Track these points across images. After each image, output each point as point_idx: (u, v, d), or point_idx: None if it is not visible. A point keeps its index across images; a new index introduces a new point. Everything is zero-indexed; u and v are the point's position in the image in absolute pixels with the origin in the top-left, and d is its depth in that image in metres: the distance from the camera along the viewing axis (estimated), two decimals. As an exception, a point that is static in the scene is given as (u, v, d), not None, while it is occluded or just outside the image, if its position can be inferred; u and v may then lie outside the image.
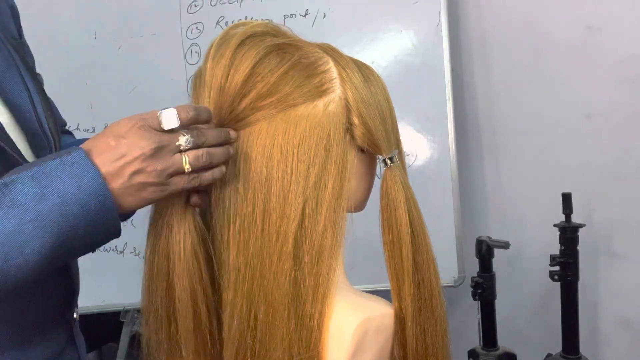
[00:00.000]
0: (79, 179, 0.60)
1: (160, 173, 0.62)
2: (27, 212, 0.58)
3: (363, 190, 0.76)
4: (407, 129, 1.63)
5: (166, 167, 0.63)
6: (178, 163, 0.63)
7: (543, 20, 1.72)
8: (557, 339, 1.55)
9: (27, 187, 0.59)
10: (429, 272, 0.74)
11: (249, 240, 0.68)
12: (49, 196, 0.59)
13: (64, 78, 1.67)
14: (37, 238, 0.59)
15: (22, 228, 0.58)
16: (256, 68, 0.69)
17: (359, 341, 0.68)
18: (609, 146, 1.70)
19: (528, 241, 1.76)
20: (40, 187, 0.59)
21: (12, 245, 0.58)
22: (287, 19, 1.66)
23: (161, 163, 0.62)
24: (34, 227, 0.58)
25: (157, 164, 0.62)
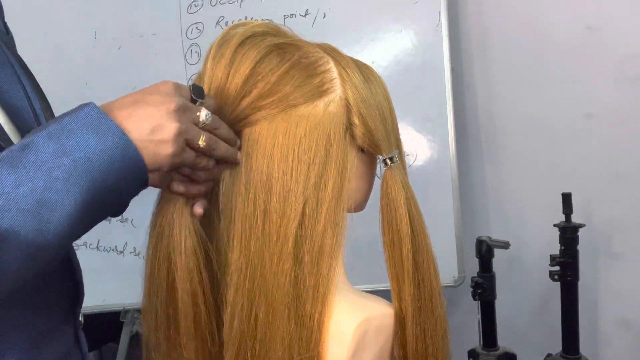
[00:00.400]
0: (100, 131, 0.58)
1: (178, 133, 0.61)
2: (52, 169, 0.56)
3: (363, 190, 0.76)
4: (407, 129, 1.63)
5: (184, 130, 0.62)
6: (196, 133, 0.64)
7: (543, 20, 1.72)
8: (557, 339, 1.55)
9: (47, 145, 0.57)
10: (429, 272, 0.74)
11: (249, 240, 0.68)
12: (70, 150, 0.57)
13: (64, 78, 1.67)
14: (68, 194, 0.57)
15: (51, 185, 0.56)
16: (257, 68, 0.69)
17: (359, 341, 0.68)
18: (609, 146, 1.70)
19: (528, 241, 1.76)
20: (59, 143, 0.57)
21: (45, 204, 0.56)
22: (287, 19, 1.66)
23: (182, 123, 0.62)
24: (63, 183, 0.56)
25: (177, 121, 0.61)
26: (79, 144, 0.57)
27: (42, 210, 0.56)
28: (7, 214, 0.54)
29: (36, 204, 0.55)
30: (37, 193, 0.56)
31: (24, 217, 0.55)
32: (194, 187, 0.68)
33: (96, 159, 0.58)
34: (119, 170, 0.59)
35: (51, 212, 0.56)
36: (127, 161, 0.60)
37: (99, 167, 0.58)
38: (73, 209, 0.57)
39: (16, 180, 0.55)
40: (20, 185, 0.55)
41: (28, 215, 0.55)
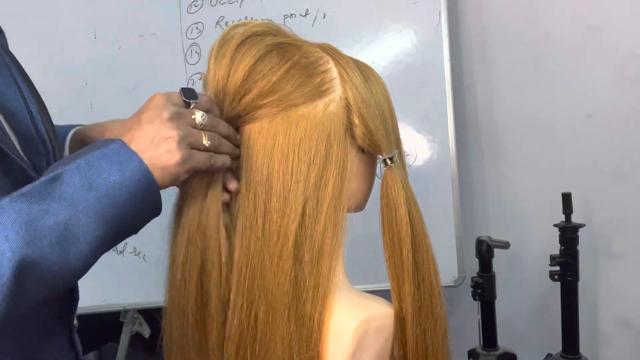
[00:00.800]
0: (122, 166, 0.62)
1: (183, 139, 0.64)
2: (78, 203, 0.60)
3: (363, 190, 0.76)
4: (407, 129, 1.63)
5: (185, 134, 0.65)
6: (197, 135, 0.66)
7: (543, 20, 1.72)
8: (557, 339, 1.55)
9: (75, 180, 0.60)
10: (429, 272, 0.74)
11: (250, 240, 0.69)
12: (96, 186, 0.60)
13: (64, 78, 1.67)
14: (90, 227, 0.60)
15: (75, 219, 0.59)
16: (257, 66, 0.70)
17: (359, 341, 0.68)
18: (609, 146, 1.70)
19: (528, 241, 1.76)
20: (87, 179, 0.60)
21: (70, 237, 0.59)
22: (287, 19, 1.66)
23: (180, 129, 0.64)
24: (85, 217, 0.60)
25: (175, 129, 0.64)
26: (103, 179, 0.61)
27: (66, 243, 0.59)
28: (34, 244, 0.57)
29: (61, 236, 0.59)
30: (63, 226, 0.59)
31: (50, 249, 0.58)
32: None
33: (118, 194, 0.61)
34: (137, 201, 0.63)
35: (74, 245, 0.60)
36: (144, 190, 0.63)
37: (120, 201, 0.62)
38: (95, 243, 0.61)
39: (45, 212, 0.58)
40: (48, 218, 0.58)
41: (54, 247, 0.58)
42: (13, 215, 0.57)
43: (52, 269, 0.59)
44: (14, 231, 0.56)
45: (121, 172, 0.61)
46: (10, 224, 0.56)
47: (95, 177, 0.61)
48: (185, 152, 0.64)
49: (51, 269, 0.58)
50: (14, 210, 0.57)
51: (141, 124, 0.64)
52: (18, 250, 0.56)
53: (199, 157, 0.66)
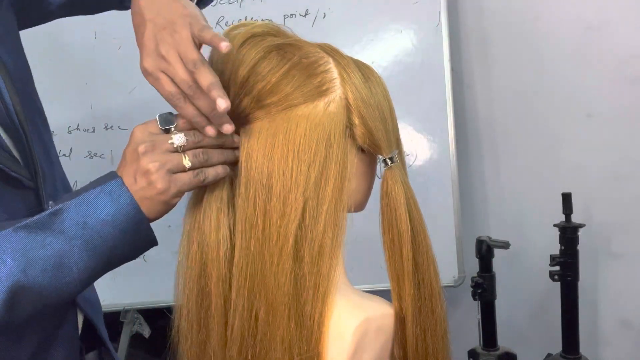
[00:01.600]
0: (116, 204, 0.66)
1: (159, 169, 0.66)
2: (73, 238, 0.65)
3: (363, 190, 0.76)
4: (407, 129, 1.63)
5: (163, 163, 0.66)
6: (176, 160, 0.67)
7: (543, 20, 1.72)
8: (557, 339, 1.55)
9: (72, 215, 0.66)
10: (429, 272, 0.74)
11: (250, 240, 0.69)
12: (91, 224, 0.65)
13: (64, 78, 1.67)
14: (83, 260, 0.66)
15: (70, 252, 0.65)
16: (257, 67, 0.69)
17: (359, 341, 0.68)
18: (609, 146, 1.70)
19: (528, 241, 1.76)
20: (83, 216, 0.66)
21: (63, 267, 0.65)
22: (287, 19, 1.66)
23: (157, 159, 0.66)
24: (79, 250, 0.65)
25: (152, 158, 0.66)
26: (97, 216, 0.66)
27: (60, 272, 0.65)
28: (30, 271, 0.63)
29: (55, 266, 0.65)
30: (58, 257, 0.65)
31: (44, 275, 0.64)
32: None
33: (109, 231, 0.66)
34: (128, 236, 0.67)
35: (66, 274, 0.65)
36: (136, 229, 0.67)
37: (111, 238, 0.66)
38: (86, 273, 0.67)
39: (42, 243, 0.64)
40: (45, 249, 0.64)
41: (46, 275, 0.64)
42: (14, 244, 0.63)
43: (43, 293, 0.65)
44: (12, 258, 0.63)
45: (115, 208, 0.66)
46: (10, 252, 0.63)
47: (90, 215, 0.66)
48: (164, 180, 0.66)
49: (42, 294, 0.65)
50: (15, 239, 0.64)
51: (125, 161, 0.68)
52: (12, 276, 0.62)
53: (182, 179, 0.67)
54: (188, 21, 0.69)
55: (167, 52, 0.68)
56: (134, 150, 0.66)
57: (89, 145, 1.69)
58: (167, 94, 0.69)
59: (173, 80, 0.68)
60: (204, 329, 0.71)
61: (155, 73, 0.69)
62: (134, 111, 1.67)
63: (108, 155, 1.70)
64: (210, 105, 0.67)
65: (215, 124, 0.69)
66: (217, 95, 0.65)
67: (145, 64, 0.70)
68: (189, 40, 0.68)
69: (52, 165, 0.88)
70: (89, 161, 1.70)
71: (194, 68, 0.66)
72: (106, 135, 1.69)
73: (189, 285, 0.72)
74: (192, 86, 0.67)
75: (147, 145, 0.66)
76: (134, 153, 0.66)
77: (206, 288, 0.71)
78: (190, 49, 0.67)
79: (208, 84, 0.65)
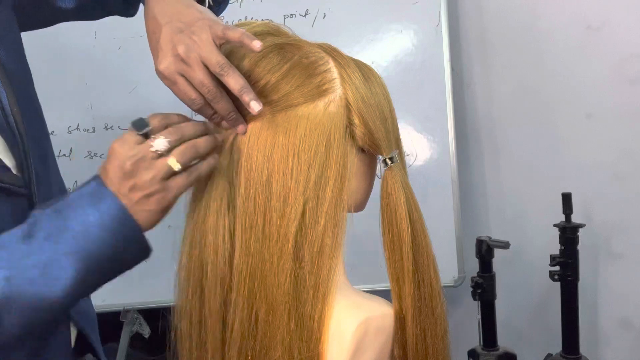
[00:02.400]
0: (98, 204, 0.64)
1: (152, 181, 0.64)
2: (56, 243, 0.63)
3: (363, 190, 0.76)
4: (407, 129, 1.63)
5: (154, 175, 0.64)
6: (164, 166, 0.65)
7: (543, 20, 1.72)
8: (557, 339, 1.55)
9: (53, 221, 0.64)
10: (429, 272, 0.74)
11: (250, 240, 0.69)
12: (72, 226, 0.63)
13: (64, 78, 1.67)
14: (69, 266, 0.63)
15: (56, 258, 0.63)
16: (257, 66, 0.69)
17: (359, 341, 0.68)
18: (609, 146, 1.70)
19: (528, 241, 1.76)
20: (65, 220, 0.64)
21: (50, 275, 0.63)
22: (287, 19, 1.66)
23: (146, 173, 0.64)
24: (65, 255, 0.63)
25: (141, 176, 0.64)
26: (79, 218, 0.63)
27: (45, 279, 0.63)
28: (14, 280, 0.62)
29: (41, 273, 0.62)
30: (42, 265, 0.62)
31: (30, 284, 0.62)
32: None
33: (94, 231, 0.63)
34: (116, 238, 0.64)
35: (53, 281, 0.63)
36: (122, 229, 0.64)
37: (96, 238, 0.64)
38: (72, 279, 0.64)
39: (27, 251, 0.63)
40: (30, 256, 0.62)
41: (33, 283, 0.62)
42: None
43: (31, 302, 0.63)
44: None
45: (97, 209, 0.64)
46: None
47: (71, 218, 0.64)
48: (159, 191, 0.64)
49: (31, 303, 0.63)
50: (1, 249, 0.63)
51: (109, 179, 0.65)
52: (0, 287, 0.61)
53: (177, 183, 0.66)
54: (207, 24, 0.68)
55: (187, 55, 0.67)
56: (119, 168, 0.64)
57: (89, 145, 1.69)
58: (187, 98, 0.69)
59: (191, 83, 0.67)
60: (204, 329, 0.71)
61: (172, 76, 0.68)
62: (134, 111, 1.67)
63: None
64: (229, 108, 0.68)
65: (231, 127, 0.70)
66: (250, 99, 0.66)
67: (160, 67, 0.68)
68: (210, 43, 0.67)
69: (48, 170, 0.86)
70: (89, 161, 1.70)
71: (222, 71, 0.66)
72: (106, 135, 1.69)
73: (189, 285, 0.72)
74: (212, 90, 0.67)
75: (131, 161, 0.64)
76: (120, 171, 0.64)
77: (206, 289, 0.71)
78: (214, 52, 0.66)
79: (240, 87, 0.66)
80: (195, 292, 0.71)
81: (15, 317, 0.63)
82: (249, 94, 0.66)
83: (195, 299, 0.71)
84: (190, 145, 0.66)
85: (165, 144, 0.64)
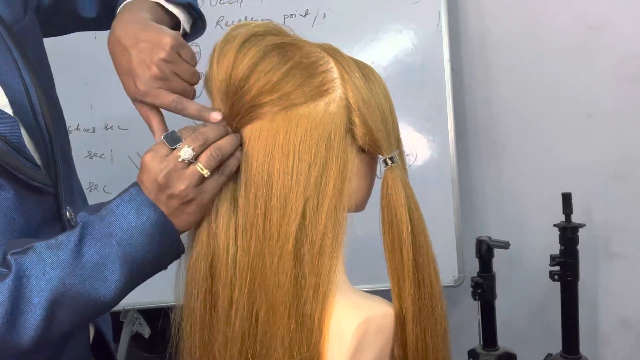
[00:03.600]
0: (139, 211, 0.67)
1: (186, 191, 0.67)
2: (103, 247, 0.67)
3: (363, 190, 0.76)
4: (407, 129, 1.63)
5: (187, 184, 0.67)
6: (195, 174, 0.68)
7: (543, 20, 1.72)
8: (557, 339, 1.55)
9: (100, 227, 0.67)
10: (430, 272, 0.74)
11: (250, 239, 0.69)
12: (117, 232, 0.67)
13: (64, 78, 1.66)
14: (115, 269, 0.67)
15: (103, 262, 0.67)
16: (258, 66, 0.70)
17: (359, 341, 0.68)
18: (609, 146, 1.70)
19: (528, 241, 1.76)
20: (109, 226, 0.67)
21: (97, 277, 0.67)
22: (287, 19, 1.66)
23: (179, 184, 0.67)
24: (111, 260, 0.67)
25: (175, 186, 0.67)
26: (122, 225, 0.67)
27: (96, 280, 0.67)
28: (68, 279, 0.65)
29: (91, 275, 0.67)
30: (92, 267, 0.67)
31: (82, 284, 0.66)
32: None
33: (137, 237, 0.67)
34: (157, 243, 0.69)
35: (102, 282, 0.67)
36: (163, 234, 0.69)
37: (139, 244, 0.68)
38: (119, 281, 0.68)
39: (79, 253, 0.66)
40: (81, 258, 0.66)
41: (84, 283, 0.66)
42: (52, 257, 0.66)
43: (81, 302, 0.67)
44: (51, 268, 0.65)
45: (138, 216, 0.67)
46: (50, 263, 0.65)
47: (115, 224, 0.67)
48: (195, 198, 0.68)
49: (80, 302, 0.67)
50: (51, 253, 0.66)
51: (147, 189, 0.68)
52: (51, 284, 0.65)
53: (210, 186, 0.69)
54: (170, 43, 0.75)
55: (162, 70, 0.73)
56: (154, 181, 0.67)
57: (89, 145, 1.69)
58: (169, 102, 0.73)
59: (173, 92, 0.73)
60: (208, 329, 0.71)
61: (152, 92, 0.73)
62: (134, 111, 1.67)
63: (108, 155, 1.70)
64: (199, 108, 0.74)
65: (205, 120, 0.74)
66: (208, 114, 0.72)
67: (141, 87, 0.74)
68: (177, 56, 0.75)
69: (70, 170, 0.90)
70: (89, 161, 1.70)
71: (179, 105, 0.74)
72: (106, 135, 1.69)
73: (193, 285, 0.72)
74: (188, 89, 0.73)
75: (163, 174, 0.67)
76: (155, 184, 0.67)
77: (212, 289, 0.71)
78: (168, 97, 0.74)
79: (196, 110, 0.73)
80: (201, 293, 0.71)
81: (66, 315, 0.66)
82: (206, 111, 0.72)
83: (201, 299, 0.71)
84: (214, 149, 0.68)
85: (190, 152, 0.67)
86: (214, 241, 0.70)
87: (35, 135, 0.78)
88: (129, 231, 0.67)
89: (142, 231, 0.67)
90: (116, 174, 1.67)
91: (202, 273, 0.71)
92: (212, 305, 0.71)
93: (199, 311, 0.71)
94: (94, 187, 1.69)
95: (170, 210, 0.68)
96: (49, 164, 0.79)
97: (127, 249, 0.67)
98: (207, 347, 0.71)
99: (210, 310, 0.71)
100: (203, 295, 0.71)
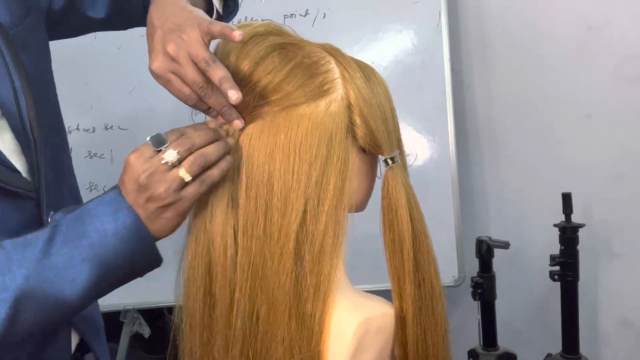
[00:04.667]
0: (115, 214, 0.67)
1: (165, 193, 0.66)
2: (74, 249, 0.66)
3: (364, 190, 0.76)
4: (407, 129, 1.63)
5: (167, 187, 0.66)
6: (176, 178, 0.66)
7: (543, 20, 1.72)
8: (557, 339, 1.55)
9: (72, 227, 0.67)
10: (430, 272, 0.74)
11: (251, 239, 0.69)
12: (90, 233, 0.66)
13: (64, 78, 1.66)
14: (84, 271, 0.66)
15: (72, 263, 0.66)
16: (259, 66, 0.70)
17: (359, 341, 0.68)
18: (609, 146, 1.70)
19: (528, 241, 1.76)
20: (83, 227, 0.67)
21: (65, 278, 0.66)
22: (287, 19, 1.66)
23: (160, 185, 0.66)
24: (80, 261, 0.66)
25: (155, 188, 0.66)
26: (97, 227, 0.67)
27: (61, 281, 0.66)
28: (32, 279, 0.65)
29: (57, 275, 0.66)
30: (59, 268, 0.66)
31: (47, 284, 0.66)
32: None
33: (110, 240, 0.66)
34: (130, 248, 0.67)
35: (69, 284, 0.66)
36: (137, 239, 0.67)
37: (111, 247, 0.67)
38: (86, 283, 0.67)
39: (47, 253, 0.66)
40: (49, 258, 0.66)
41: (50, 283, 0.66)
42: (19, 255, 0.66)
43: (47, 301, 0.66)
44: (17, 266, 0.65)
45: (113, 219, 0.66)
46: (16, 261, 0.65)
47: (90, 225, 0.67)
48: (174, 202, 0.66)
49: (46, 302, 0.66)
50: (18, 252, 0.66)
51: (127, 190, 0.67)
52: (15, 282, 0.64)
53: (189, 192, 0.67)
54: (196, 22, 0.69)
55: (177, 53, 0.68)
56: (134, 181, 0.66)
57: (89, 145, 1.69)
58: (181, 95, 0.70)
59: (183, 80, 0.69)
60: (207, 329, 0.71)
61: (165, 75, 0.70)
62: (134, 111, 1.67)
63: (108, 155, 1.70)
64: (222, 103, 0.69)
65: (226, 121, 0.71)
66: (228, 87, 0.66)
67: (153, 66, 0.70)
68: (198, 41, 0.68)
69: (61, 175, 0.89)
70: (89, 161, 1.70)
71: (207, 66, 0.67)
72: (106, 135, 1.69)
73: (193, 285, 0.71)
74: (203, 86, 0.68)
75: (145, 174, 0.66)
76: (135, 184, 0.66)
77: (211, 289, 0.71)
78: (200, 48, 0.67)
79: (219, 77, 0.66)
80: (200, 293, 0.71)
81: (30, 314, 0.66)
82: (227, 82, 0.66)
83: (200, 299, 0.71)
84: (199, 155, 0.67)
85: (175, 155, 0.66)
86: (211, 241, 0.70)
87: (22, 139, 0.78)
88: (102, 233, 0.66)
89: (115, 234, 0.66)
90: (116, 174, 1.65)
91: (200, 273, 0.71)
92: (211, 305, 0.71)
93: (198, 311, 0.71)
94: (94, 187, 1.69)
95: (147, 213, 0.67)
96: (33, 169, 0.79)
97: (98, 250, 0.66)
98: (207, 347, 0.71)
99: (210, 310, 0.71)
100: (202, 295, 0.71)
